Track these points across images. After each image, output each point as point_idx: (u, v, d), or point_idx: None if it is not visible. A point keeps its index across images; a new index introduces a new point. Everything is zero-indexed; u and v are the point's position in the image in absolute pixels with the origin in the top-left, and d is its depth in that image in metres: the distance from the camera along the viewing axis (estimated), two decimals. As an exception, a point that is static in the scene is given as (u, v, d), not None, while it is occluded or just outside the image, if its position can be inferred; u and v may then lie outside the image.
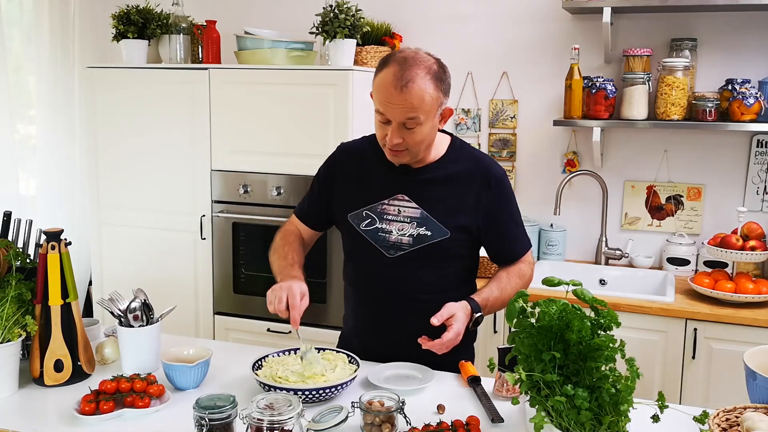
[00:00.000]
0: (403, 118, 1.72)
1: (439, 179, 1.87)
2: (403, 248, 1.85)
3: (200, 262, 3.24)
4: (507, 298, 1.88)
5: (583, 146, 3.23)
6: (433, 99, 1.72)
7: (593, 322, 1.34)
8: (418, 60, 1.72)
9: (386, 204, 1.88)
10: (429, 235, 1.84)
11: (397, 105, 1.71)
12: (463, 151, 1.92)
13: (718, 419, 1.40)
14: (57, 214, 3.63)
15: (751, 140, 3.00)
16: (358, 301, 1.99)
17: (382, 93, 1.72)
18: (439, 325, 1.72)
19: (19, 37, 3.60)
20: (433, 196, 1.85)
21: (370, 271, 1.92)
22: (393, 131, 1.74)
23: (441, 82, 1.74)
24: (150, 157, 3.24)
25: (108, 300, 1.79)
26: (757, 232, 2.80)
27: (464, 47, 3.33)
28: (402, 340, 1.81)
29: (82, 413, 1.53)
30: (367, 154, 1.93)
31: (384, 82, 1.72)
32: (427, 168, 1.88)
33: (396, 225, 1.86)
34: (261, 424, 1.30)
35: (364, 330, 1.98)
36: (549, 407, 1.30)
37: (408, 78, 1.69)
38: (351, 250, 1.98)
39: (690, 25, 3.02)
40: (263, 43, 3.05)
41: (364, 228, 1.89)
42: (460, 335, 1.72)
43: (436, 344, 1.70)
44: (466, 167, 1.88)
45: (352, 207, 1.92)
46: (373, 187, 1.91)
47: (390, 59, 1.74)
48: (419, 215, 1.85)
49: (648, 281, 3.05)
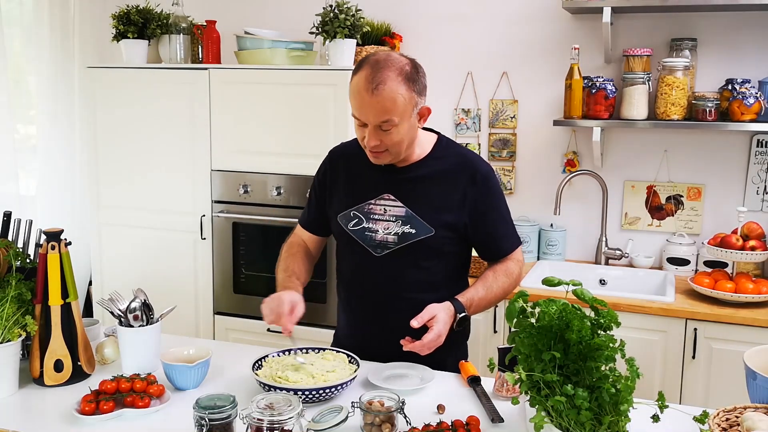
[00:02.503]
0: (377, 121, 1.73)
1: (424, 177, 1.87)
2: (389, 246, 1.86)
3: (200, 262, 3.24)
4: (493, 297, 1.88)
5: (583, 146, 3.23)
6: (406, 100, 1.72)
7: (593, 322, 1.34)
8: (390, 62, 1.72)
9: (373, 204, 1.89)
10: (413, 233, 1.84)
11: (370, 108, 1.71)
12: (449, 149, 1.92)
13: (718, 419, 1.40)
14: (57, 214, 3.63)
15: (751, 140, 3.00)
16: (348, 300, 2.00)
17: (355, 97, 1.74)
18: (424, 326, 1.72)
19: (19, 37, 3.60)
20: (418, 194, 1.86)
21: (358, 270, 1.93)
22: (370, 133, 1.75)
23: (414, 83, 1.74)
24: (150, 157, 3.24)
25: (108, 300, 1.79)
26: (757, 232, 2.80)
27: (464, 47, 3.33)
28: (393, 339, 1.80)
29: (82, 413, 1.53)
30: (354, 155, 1.94)
31: (357, 86, 1.73)
32: (412, 167, 1.88)
33: (382, 224, 1.87)
34: (261, 424, 1.30)
35: (355, 329, 1.99)
36: (549, 407, 1.30)
37: (378, 80, 1.69)
38: (341, 250, 2.00)
39: (690, 25, 3.02)
40: (263, 43, 3.05)
41: (352, 228, 1.90)
42: (441, 336, 1.71)
43: (416, 345, 1.71)
44: (452, 164, 1.88)
45: (341, 208, 1.94)
46: (360, 188, 1.92)
47: (363, 63, 1.75)
48: (404, 213, 1.85)
49: (648, 281, 3.05)
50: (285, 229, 3.06)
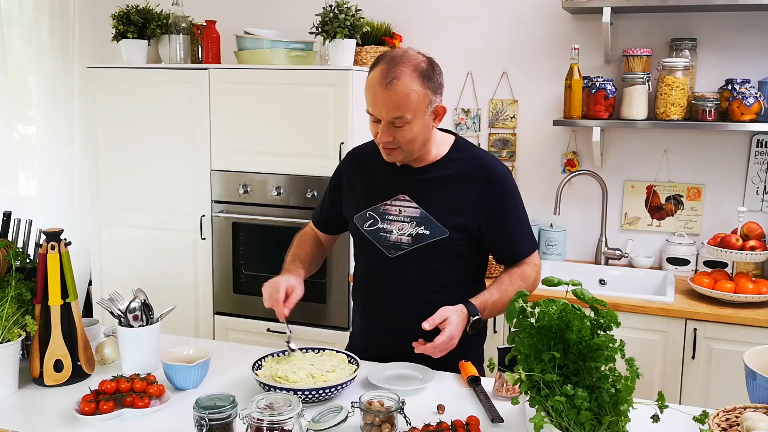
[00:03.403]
0: (390, 116, 1.72)
1: (440, 179, 1.86)
2: (403, 247, 1.86)
3: (200, 262, 3.24)
4: (508, 301, 1.87)
5: (583, 146, 3.23)
6: (419, 97, 1.71)
7: (593, 322, 1.34)
8: (406, 58, 1.73)
9: (388, 204, 1.88)
10: (427, 234, 1.83)
11: (383, 103, 1.71)
12: (465, 151, 1.91)
13: (718, 419, 1.40)
14: (57, 214, 3.63)
15: (751, 140, 3.00)
16: (362, 300, 2.00)
17: (369, 91, 1.74)
18: (437, 329, 1.71)
19: (19, 37, 3.60)
20: (433, 196, 1.85)
21: (373, 270, 1.93)
22: (382, 129, 1.75)
23: (429, 80, 1.74)
24: (150, 156, 3.24)
25: (108, 300, 1.79)
26: (757, 232, 2.80)
27: (464, 47, 3.33)
28: (406, 340, 1.80)
29: (82, 413, 1.53)
30: (371, 156, 1.94)
31: (371, 81, 1.73)
32: (428, 168, 1.87)
33: (396, 225, 1.86)
34: (261, 424, 1.30)
35: (369, 329, 1.99)
36: (549, 407, 1.30)
37: (393, 75, 1.69)
38: (357, 250, 2.00)
39: (690, 25, 3.02)
40: (263, 43, 3.05)
41: (367, 228, 1.90)
42: (453, 339, 1.70)
43: (428, 348, 1.70)
44: (468, 166, 1.87)
45: (357, 208, 1.94)
46: (376, 188, 1.91)
47: (380, 59, 1.75)
48: (419, 215, 1.85)
49: (648, 281, 3.05)
50: (285, 229, 3.06)
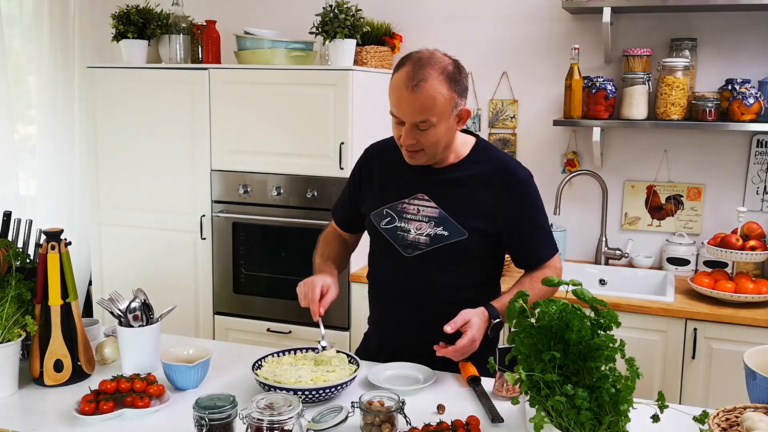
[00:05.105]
0: (415, 120, 1.70)
1: (460, 180, 1.84)
2: (420, 247, 1.84)
3: (200, 262, 3.24)
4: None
5: (583, 146, 3.23)
6: (446, 100, 1.69)
7: (593, 322, 1.34)
8: (433, 60, 1.70)
9: (406, 203, 1.87)
10: (446, 235, 1.81)
11: (409, 105, 1.69)
12: (486, 153, 1.89)
13: (718, 419, 1.40)
14: (57, 214, 3.63)
15: (751, 140, 3.00)
16: (377, 299, 1.99)
17: (395, 93, 1.71)
18: (457, 331, 1.71)
19: (19, 37, 3.60)
20: (452, 197, 1.83)
21: (388, 269, 1.91)
22: (406, 132, 1.72)
23: (455, 83, 1.72)
24: (150, 156, 3.24)
25: (108, 300, 1.79)
26: (757, 232, 2.80)
27: (464, 47, 3.32)
28: (420, 341, 1.79)
29: (82, 413, 1.53)
30: (391, 153, 1.91)
31: (397, 83, 1.71)
32: (448, 168, 1.85)
33: (415, 224, 1.85)
34: (261, 424, 1.30)
35: (383, 329, 1.98)
36: (549, 407, 1.30)
37: (420, 78, 1.67)
38: (373, 248, 1.98)
39: (690, 25, 3.02)
40: (263, 43, 3.05)
41: (384, 226, 1.88)
42: (474, 341, 1.70)
43: (450, 351, 1.70)
44: (488, 169, 1.84)
45: (374, 205, 1.92)
46: (394, 186, 1.90)
47: (406, 60, 1.73)
48: (438, 215, 1.83)
49: (648, 281, 3.05)
50: (285, 229, 3.07)
